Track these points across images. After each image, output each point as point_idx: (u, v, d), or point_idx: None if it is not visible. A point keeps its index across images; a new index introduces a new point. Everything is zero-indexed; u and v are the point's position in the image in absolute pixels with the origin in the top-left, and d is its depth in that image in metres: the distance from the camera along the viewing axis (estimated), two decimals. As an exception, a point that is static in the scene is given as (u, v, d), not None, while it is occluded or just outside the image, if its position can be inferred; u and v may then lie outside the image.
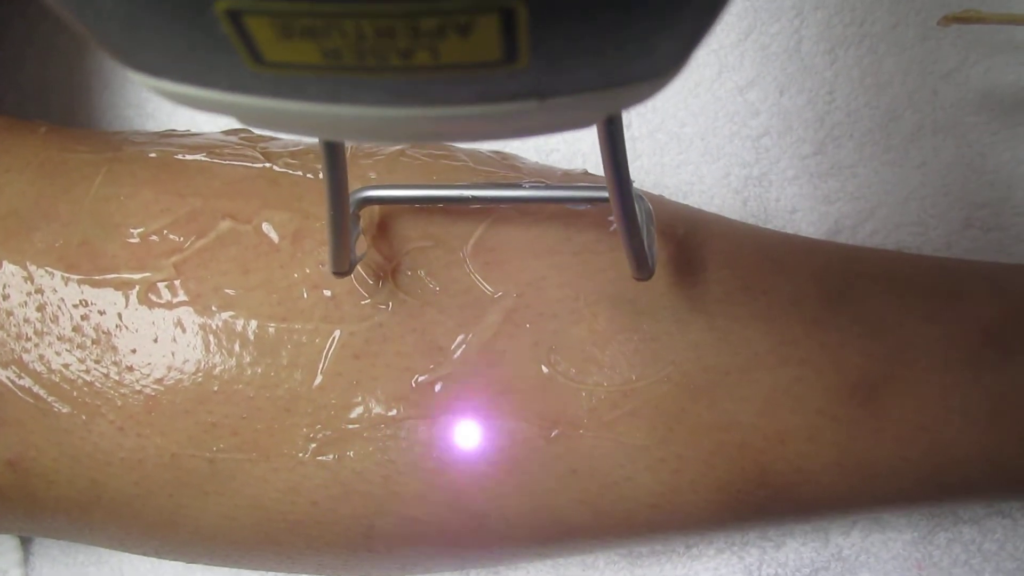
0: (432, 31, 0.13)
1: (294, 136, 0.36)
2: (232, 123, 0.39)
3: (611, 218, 0.30)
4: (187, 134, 0.34)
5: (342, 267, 0.28)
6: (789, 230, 0.38)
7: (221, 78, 0.15)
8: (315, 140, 0.34)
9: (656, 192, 0.36)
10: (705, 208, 0.36)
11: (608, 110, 0.16)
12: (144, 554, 0.34)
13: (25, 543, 0.40)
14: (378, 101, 0.15)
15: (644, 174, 0.38)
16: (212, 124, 0.40)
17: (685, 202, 0.36)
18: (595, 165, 0.38)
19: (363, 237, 0.30)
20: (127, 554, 0.39)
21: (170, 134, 0.34)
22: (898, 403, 0.30)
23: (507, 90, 0.15)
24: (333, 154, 0.23)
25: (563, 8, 0.13)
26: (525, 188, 0.29)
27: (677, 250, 0.31)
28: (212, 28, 0.14)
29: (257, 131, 0.17)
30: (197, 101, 0.16)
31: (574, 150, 0.39)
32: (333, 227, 0.26)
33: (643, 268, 0.28)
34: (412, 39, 0.14)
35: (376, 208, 0.30)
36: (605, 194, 0.28)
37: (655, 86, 0.16)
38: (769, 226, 0.37)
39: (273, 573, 0.38)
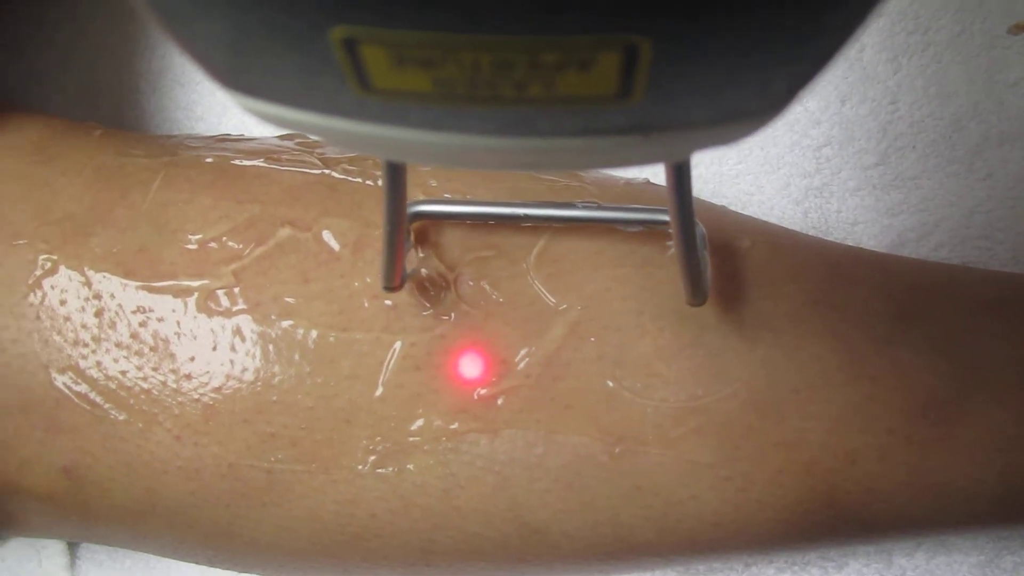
0: (551, 65, 0.13)
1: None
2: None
3: (669, 242, 0.29)
4: (243, 139, 0.34)
5: (392, 283, 0.27)
6: (851, 242, 0.37)
7: (323, 102, 0.15)
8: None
9: (716, 202, 0.36)
10: (765, 219, 0.35)
11: (710, 145, 0.16)
12: (196, 563, 0.34)
13: (72, 547, 0.40)
14: (482, 131, 0.15)
15: (702, 183, 0.38)
16: (264, 129, 0.40)
17: (744, 213, 0.36)
18: (652, 173, 0.38)
19: (414, 252, 0.29)
20: (176, 561, 0.39)
21: (225, 138, 0.34)
22: (972, 423, 0.29)
23: (614, 124, 0.15)
24: (395, 174, 0.23)
25: (688, 48, 0.13)
26: (579, 208, 0.29)
27: (743, 263, 0.30)
28: (323, 54, 0.13)
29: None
30: (295, 124, 0.15)
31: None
32: (388, 243, 0.26)
33: (698, 295, 0.27)
34: (529, 72, 0.13)
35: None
36: (661, 217, 0.28)
37: (759, 123, 0.16)
38: (830, 238, 0.37)
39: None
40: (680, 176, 0.22)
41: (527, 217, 0.29)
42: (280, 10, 0.13)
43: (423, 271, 0.29)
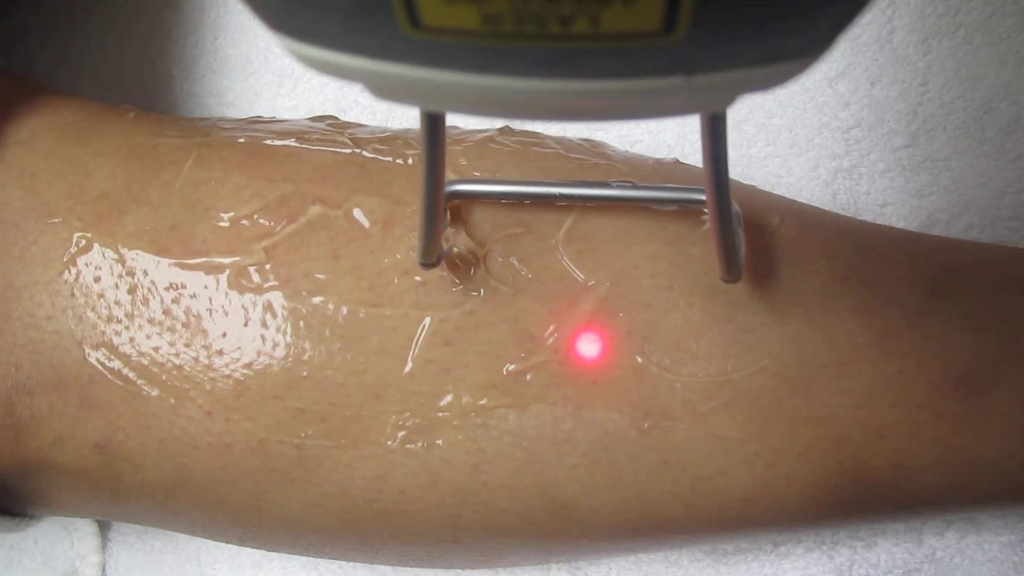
0: None
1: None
2: (317, 111, 0.39)
3: (704, 217, 0.29)
4: (274, 120, 0.34)
5: (430, 258, 0.28)
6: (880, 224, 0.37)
7: (371, 43, 0.15)
8: (401, 126, 0.34)
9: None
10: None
11: (751, 89, 0.16)
12: (227, 541, 0.34)
13: (103, 528, 0.40)
14: (527, 72, 0.15)
15: (731, 166, 0.38)
16: (294, 113, 0.40)
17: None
18: (682, 155, 0.38)
19: (450, 230, 0.29)
20: (205, 541, 0.39)
21: (257, 120, 0.34)
22: (1004, 399, 0.29)
23: (657, 64, 0.15)
24: (434, 129, 0.23)
25: None
26: (613, 187, 0.29)
27: (772, 240, 0.30)
28: None
29: (386, 101, 0.17)
30: (344, 69, 0.16)
31: (659, 141, 0.38)
32: (426, 211, 0.26)
33: (733, 270, 0.27)
34: (576, 4, 0.13)
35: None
36: (695, 195, 0.28)
37: (800, 66, 0.16)
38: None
39: (352, 563, 0.38)
40: (716, 134, 0.22)
41: (562, 196, 0.29)
42: None
43: (453, 248, 0.29)
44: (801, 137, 0.38)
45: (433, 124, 0.22)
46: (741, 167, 0.38)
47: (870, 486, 0.29)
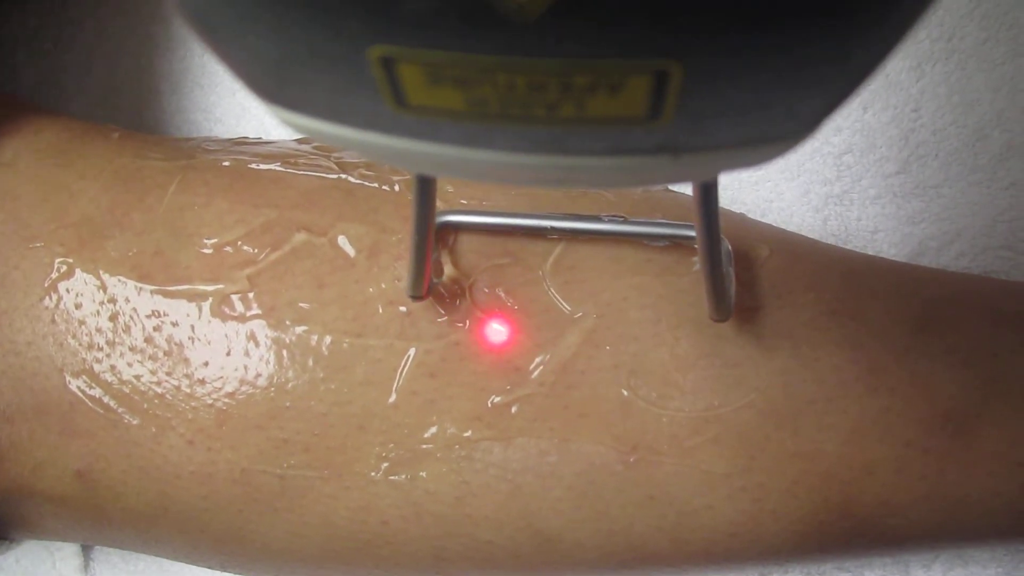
0: (583, 87, 0.13)
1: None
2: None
3: (695, 259, 0.29)
4: (260, 142, 0.34)
5: (419, 292, 0.27)
6: (870, 251, 0.37)
7: (360, 117, 0.15)
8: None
9: (734, 209, 0.35)
10: (784, 227, 0.35)
11: (737, 167, 0.16)
12: (209, 567, 0.34)
13: (86, 549, 0.40)
14: (513, 148, 0.15)
15: (722, 190, 0.37)
16: (283, 131, 0.40)
17: (763, 220, 0.35)
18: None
19: (441, 261, 0.29)
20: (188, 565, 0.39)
21: (243, 141, 0.34)
22: (991, 436, 0.29)
23: (644, 144, 0.15)
24: (425, 188, 0.23)
25: (718, 72, 0.13)
26: (604, 221, 0.29)
27: (761, 272, 0.30)
28: (362, 72, 0.14)
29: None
30: (332, 137, 0.16)
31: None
32: (416, 254, 0.26)
33: (723, 310, 0.27)
34: (561, 94, 0.14)
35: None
36: (687, 232, 0.28)
37: (788, 146, 0.16)
38: (849, 246, 0.36)
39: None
40: (707, 194, 0.22)
41: (553, 229, 0.29)
42: (322, 30, 0.13)
43: (442, 279, 0.29)
44: (792, 162, 0.37)
45: (424, 184, 0.22)
46: (732, 191, 0.38)
47: (857, 522, 0.29)
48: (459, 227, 0.29)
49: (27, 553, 0.40)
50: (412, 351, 0.29)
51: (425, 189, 0.23)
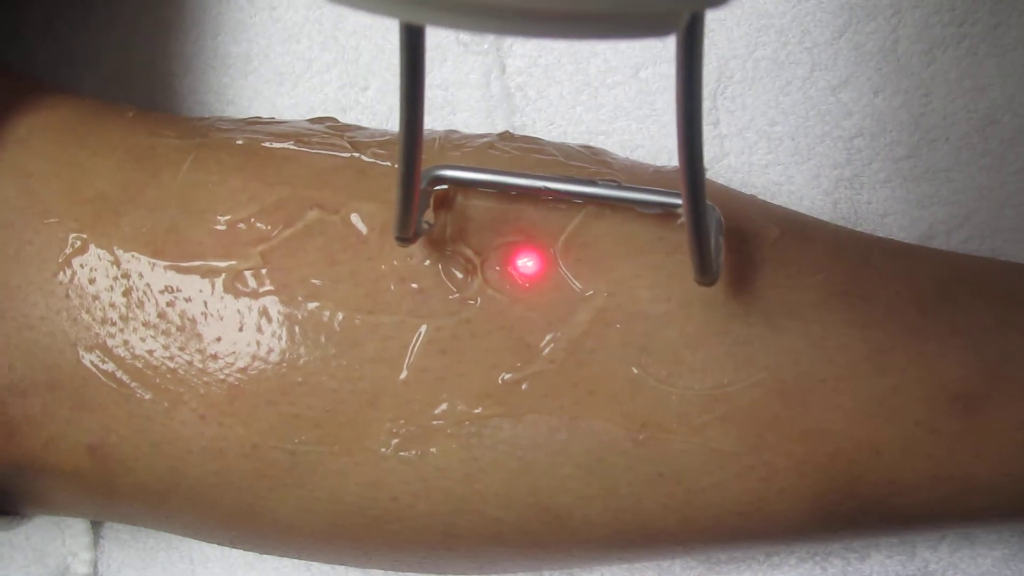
0: None
1: (379, 128, 0.35)
2: (317, 110, 0.38)
3: (680, 222, 0.29)
4: (273, 121, 0.34)
5: (407, 232, 0.27)
6: (880, 234, 0.37)
7: None
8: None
9: (745, 191, 0.35)
10: (794, 209, 0.35)
11: None
12: (219, 543, 0.34)
13: (95, 526, 0.40)
14: None
15: (732, 173, 0.38)
16: (294, 111, 0.40)
17: (773, 203, 0.35)
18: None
19: (431, 211, 0.29)
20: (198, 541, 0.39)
21: (256, 121, 0.34)
22: (1000, 417, 0.29)
23: None
24: (414, 48, 0.21)
25: None
26: (599, 185, 0.29)
27: (771, 252, 0.30)
28: None
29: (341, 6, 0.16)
30: None
31: (660, 147, 0.38)
32: (404, 163, 0.25)
33: (706, 270, 0.27)
34: None
35: (463, 200, 0.30)
36: (675, 200, 0.28)
37: None
38: (859, 229, 0.36)
39: (345, 568, 0.38)
40: (690, 54, 0.20)
41: (546, 189, 0.29)
42: None
43: (448, 251, 0.29)
44: (803, 145, 0.37)
45: (413, 39, 0.21)
46: (742, 175, 0.38)
47: (863, 502, 0.29)
48: (451, 182, 0.29)
49: (37, 529, 0.40)
50: (423, 328, 0.29)
51: (414, 53, 0.21)
